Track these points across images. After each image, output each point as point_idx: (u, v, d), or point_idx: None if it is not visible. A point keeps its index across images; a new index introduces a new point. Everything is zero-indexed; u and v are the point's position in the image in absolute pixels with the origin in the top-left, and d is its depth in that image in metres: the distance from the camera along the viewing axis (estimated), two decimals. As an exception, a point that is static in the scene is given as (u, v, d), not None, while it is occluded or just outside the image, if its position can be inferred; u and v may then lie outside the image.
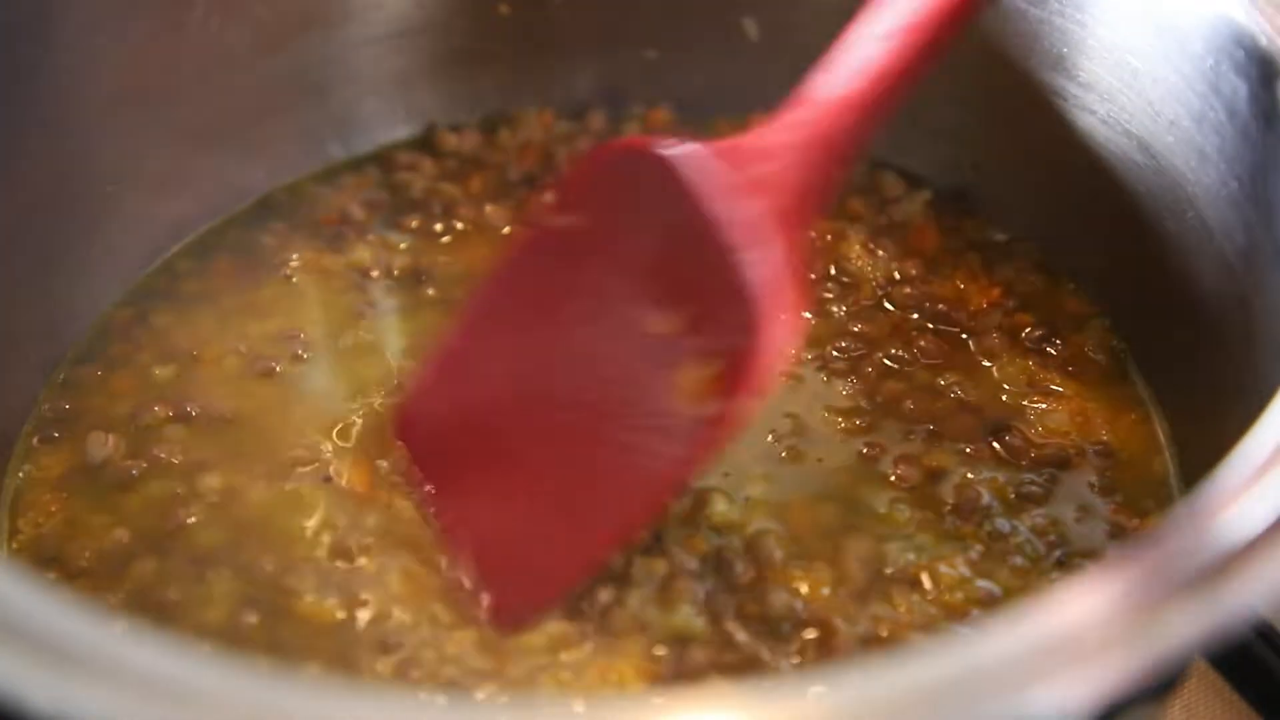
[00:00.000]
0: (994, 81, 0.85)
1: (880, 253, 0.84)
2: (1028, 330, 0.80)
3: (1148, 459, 0.73)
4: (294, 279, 0.83)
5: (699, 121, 0.91)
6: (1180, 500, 0.71)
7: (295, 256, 0.84)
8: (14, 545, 0.69)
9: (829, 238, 0.84)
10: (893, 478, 0.71)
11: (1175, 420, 0.75)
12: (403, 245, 0.85)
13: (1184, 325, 0.75)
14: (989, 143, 0.88)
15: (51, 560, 0.68)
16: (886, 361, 0.77)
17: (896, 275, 0.83)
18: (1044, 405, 0.75)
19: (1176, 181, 0.76)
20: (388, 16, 0.91)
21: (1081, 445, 0.73)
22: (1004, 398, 0.76)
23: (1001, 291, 0.82)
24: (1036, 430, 0.74)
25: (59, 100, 0.77)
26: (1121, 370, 0.78)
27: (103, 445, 0.72)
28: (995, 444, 0.73)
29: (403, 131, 0.94)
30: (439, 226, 0.87)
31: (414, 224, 0.87)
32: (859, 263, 0.83)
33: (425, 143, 0.94)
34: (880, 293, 0.82)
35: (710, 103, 0.93)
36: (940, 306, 0.81)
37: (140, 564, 0.67)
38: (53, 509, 0.70)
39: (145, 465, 0.72)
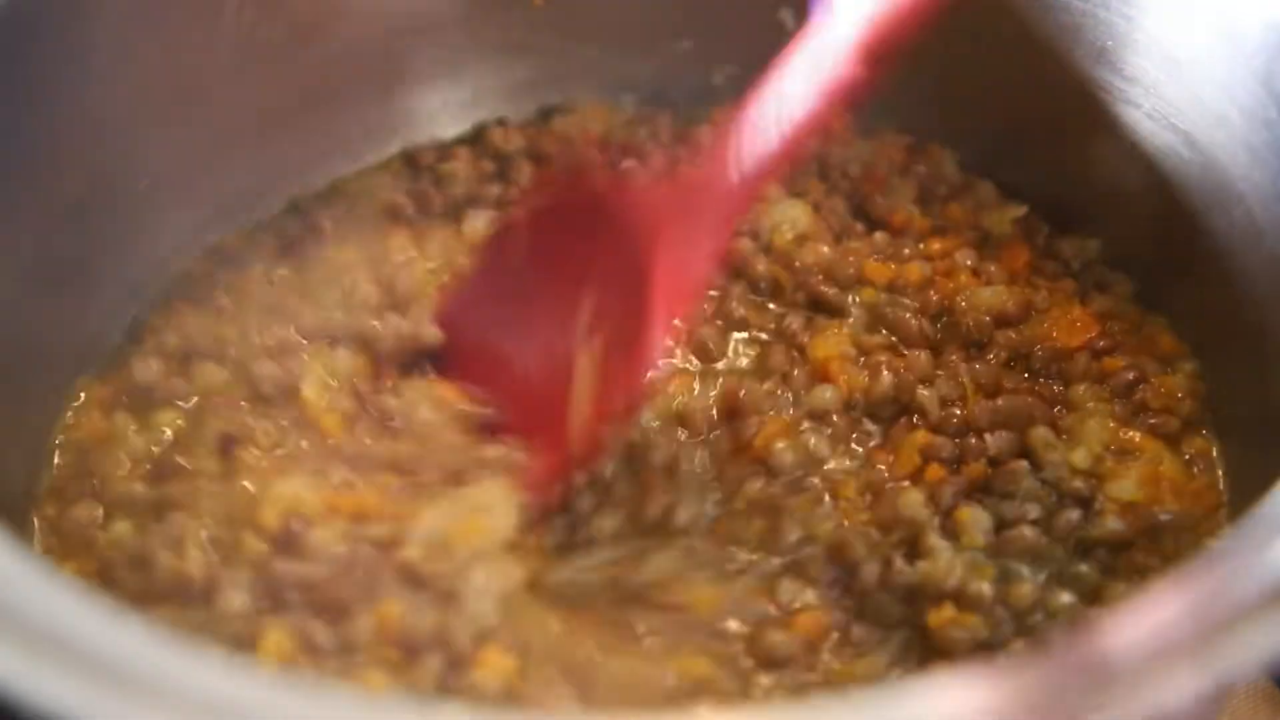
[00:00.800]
0: (1035, 74, 0.84)
1: (987, 288, 0.81)
2: (1117, 375, 0.76)
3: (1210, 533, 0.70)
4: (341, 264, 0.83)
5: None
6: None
7: (340, 248, 0.85)
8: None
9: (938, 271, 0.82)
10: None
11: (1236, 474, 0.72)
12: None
13: (1235, 328, 0.74)
14: (1028, 135, 0.87)
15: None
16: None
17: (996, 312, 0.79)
18: (1117, 468, 0.72)
19: (1225, 178, 0.75)
20: (422, 9, 0.90)
21: (1147, 519, 0.69)
22: (1077, 463, 0.72)
23: (1097, 331, 0.78)
24: (1101, 502, 0.70)
25: (93, 97, 0.77)
26: (1200, 415, 0.75)
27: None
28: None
29: (442, 124, 0.93)
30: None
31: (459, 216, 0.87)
32: (967, 294, 0.80)
33: (474, 137, 0.93)
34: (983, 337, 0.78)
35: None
36: (1038, 350, 0.77)
37: None
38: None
39: None
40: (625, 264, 0.70)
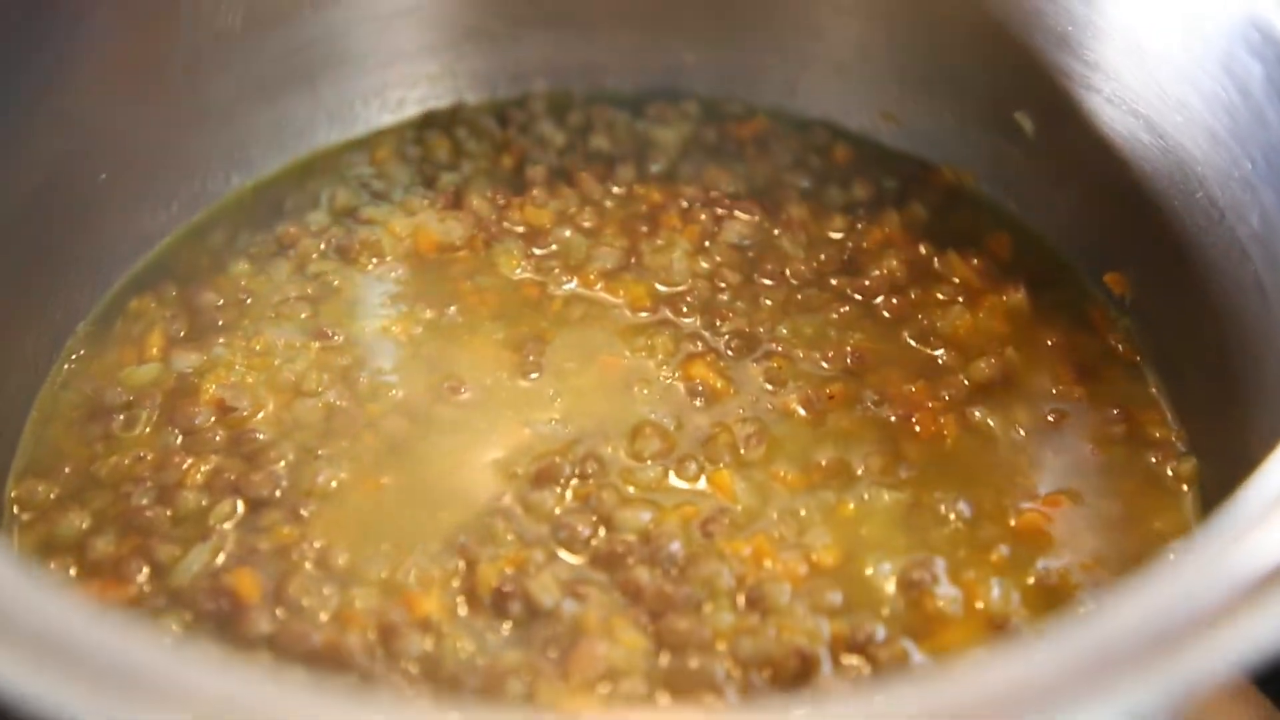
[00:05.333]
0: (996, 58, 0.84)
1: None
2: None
3: None
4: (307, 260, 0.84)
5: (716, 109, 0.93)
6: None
7: (298, 234, 0.85)
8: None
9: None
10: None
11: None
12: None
13: (1198, 314, 0.74)
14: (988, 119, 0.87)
15: None
16: None
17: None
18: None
19: (1185, 161, 0.74)
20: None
21: None
22: None
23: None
24: None
25: (56, 85, 0.76)
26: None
27: None
28: None
29: (407, 111, 0.93)
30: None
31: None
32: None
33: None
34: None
35: (731, 93, 0.94)
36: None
37: None
38: None
39: None
40: None
